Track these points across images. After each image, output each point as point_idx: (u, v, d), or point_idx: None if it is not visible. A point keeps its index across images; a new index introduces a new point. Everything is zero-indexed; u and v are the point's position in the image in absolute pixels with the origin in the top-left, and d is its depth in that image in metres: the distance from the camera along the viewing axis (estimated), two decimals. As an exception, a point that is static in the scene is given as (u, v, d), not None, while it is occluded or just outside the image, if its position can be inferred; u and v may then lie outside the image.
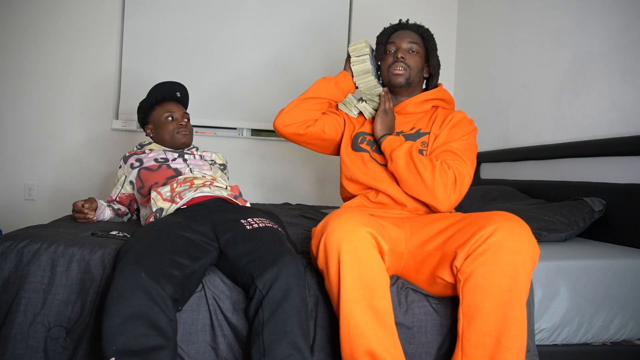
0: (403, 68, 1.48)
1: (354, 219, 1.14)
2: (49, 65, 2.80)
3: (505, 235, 1.09)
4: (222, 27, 3.02)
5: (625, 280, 1.41)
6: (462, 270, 1.12)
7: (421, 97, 1.53)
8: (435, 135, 1.47)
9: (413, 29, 1.54)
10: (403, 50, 1.50)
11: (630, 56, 1.83)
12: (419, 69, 1.52)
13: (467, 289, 1.11)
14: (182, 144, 1.74)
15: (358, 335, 1.08)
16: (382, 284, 1.12)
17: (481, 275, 1.09)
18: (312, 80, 1.65)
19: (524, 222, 1.13)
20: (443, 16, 3.27)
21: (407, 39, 1.50)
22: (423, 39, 1.53)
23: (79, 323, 1.16)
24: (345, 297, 1.09)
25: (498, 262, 1.08)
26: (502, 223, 1.10)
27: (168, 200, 1.47)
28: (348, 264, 1.09)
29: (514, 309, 1.07)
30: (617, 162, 1.83)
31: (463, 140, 1.43)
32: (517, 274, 1.07)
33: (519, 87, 2.53)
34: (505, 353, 1.06)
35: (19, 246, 1.20)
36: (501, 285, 1.08)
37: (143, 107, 1.77)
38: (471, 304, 1.11)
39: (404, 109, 1.53)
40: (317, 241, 1.17)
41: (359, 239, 1.11)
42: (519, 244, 1.08)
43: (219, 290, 1.19)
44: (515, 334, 1.07)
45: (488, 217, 1.14)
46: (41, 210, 2.77)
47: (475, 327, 1.10)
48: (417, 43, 1.51)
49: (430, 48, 1.52)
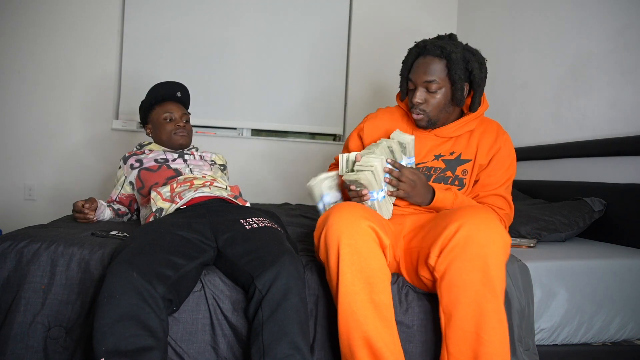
0: (419, 113, 1.36)
1: (355, 213, 1.13)
2: (49, 65, 2.80)
3: (471, 229, 1.09)
4: (222, 28, 3.02)
5: (625, 280, 1.41)
6: (437, 268, 1.13)
7: (461, 122, 1.41)
8: (481, 166, 1.39)
9: (435, 53, 1.31)
10: (420, 90, 1.34)
11: (630, 56, 1.83)
12: (443, 105, 1.35)
13: (443, 287, 1.12)
14: (180, 145, 1.74)
15: (357, 328, 1.08)
16: (383, 278, 1.12)
17: (454, 272, 1.10)
18: (312, 79, 1.64)
19: (490, 214, 1.14)
20: (443, 16, 3.27)
21: (425, 76, 1.32)
22: (448, 63, 1.31)
23: (79, 323, 1.16)
24: (343, 291, 1.09)
25: (468, 256, 1.09)
26: (467, 218, 1.11)
27: (168, 200, 1.47)
28: (348, 257, 1.09)
29: (489, 301, 1.07)
30: (617, 162, 1.83)
31: (507, 174, 1.39)
32: (488, 266, 1.08)
33: (518, 87, 2.53)
34: (487, 347, 1.06)
35: (19, 246, 1.20)
36: (474, 279, 1.08)
37: (143, 107, 1.77)
38: (449, 302, 1.11)
39: (440, 133, 1.42)
40: (318, 234, 1.17)
41: (360, 233, 1.11)
42: (486, 236, 1.08)
43: (219, 289, 1.19)
44: (494, 327, 1.07)
45: (454, 213, 1.15)
46: (41, 210, 2.77)
47: (455, 324, 1.10)
48: (436, 78, 1.31)
49: (457, 77, 1.30)
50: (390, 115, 1.52)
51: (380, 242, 1.14)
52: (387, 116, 1.52)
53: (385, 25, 3.19)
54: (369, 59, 3.19)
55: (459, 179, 1.39)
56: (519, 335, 1.26)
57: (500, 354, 1.06)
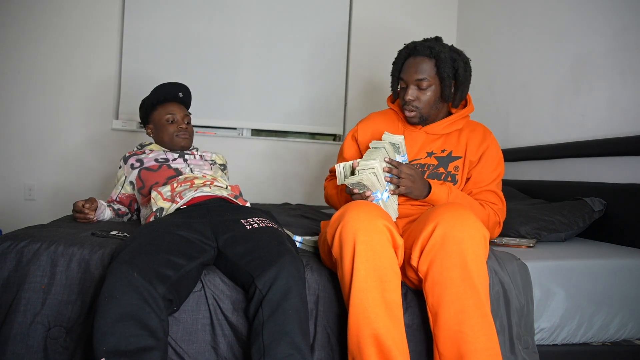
0: (412, 110, 1.42)
1: (371, 211, 1.15)
2: (49, 65, 2.80)
3: (447, 227, 1.11)
4: (223, 28, 3.02)
5: (624, 280, 1.41)
6: (420, 269, 1.14)
7: (454, 119, 1.47)
8: (471, 162, 1.44)
9: (425, 53, 1.39)
10: (412, 88, 1.40)
11: (630, 56, 1.83)
12: (433, 102, 1.42)
13: (427, 287, 1.13)
14: (181, 147, 1.74)
15: (367, 324, 1.08)
16: (394, 277, 1.13)
17: (436, 271, 1.12)
18: (312, 79, 1.65)
19: (465, 210, 1.15)
20: (443, 16, 3.27)
21: (416, 74, 1.39)
22: (437, 62, 1.38)
23: (79, 323, 1.16)
24: (357, 287, 1.10)
25: (446, 254, 1.10)
26: (442, 216, 1.13)
27: (168, 200, 1.47)
28: (363, 254, 1.10)
29: (470, 297, 1.08)
30: (617, 162, 1.83)
31: (497, 171, 1.44)
32: (466, 262, 1.09)
33: (518, 87, 2.53)
34: (472, 343, 1.06)
35: (19, 246, 1.20)
36: (453, 277, 1.09)
37: (145, 106, 1.77)
38: (434, 302, 1.12)
39: (431, 130, 1.47)
40: (332, 230, 1.17)
41: (376, 231, 1.12)
42: (461, 233, 1.10)
43: (219, 289, 1.19)
44: (477, 322, 1.07)
45: (431, 212, 1.17)
46: (41, 210, 2.77)
47: (441, 323, 1.11)
48: (426, 76, 1.38)
49: (446, 75, 1.37)
50: (382, 117, 1.58)
51: (393, 242, 1.15)
52: (379, 118, 1.58)
53: (385, 27, 3.19)
54: (368, 60, 3.19)
55: (451, 175, 1.43)
56: (517, 334, 1.26)
57: (487, 349, 1.07)
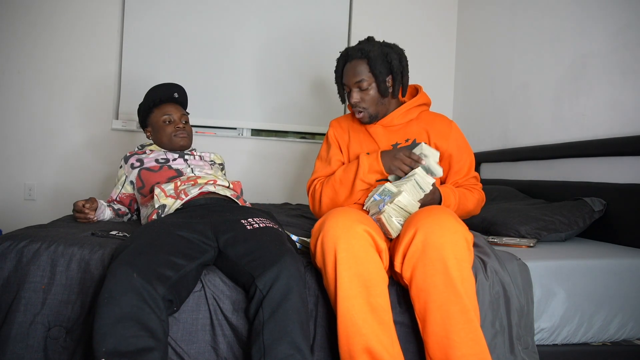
0: (360, 111, 1.50)
1: (351, 217, 1.14)
2: (49, 65, 2.79)
3: (427, 234, 1.11)
4: (223, 28, 3.02)
5: (624, 280, 1.41)
6: (404, 275, 1.14)
7: (405, 108, 1.54)
8: (446, 153, 1.51)
9: (357, 55, 1.47)
10: (354, 91, 1.48)
11: (630, 56, 1.83)
12: (377, 99, 1.49)
13: (413, 293, 1.13)
14: (181, 147, 1.74)
15: (356, 332, 1.08)
16: (380, 281, 1.12)
17: (419, 278, 1.11)
18: (312, 79, 1.67)
19: (445, 214, 1.15)
20: (443, 16, 3.27)
21: (354, 77, 1.47)
22: (369, 61, 1.45)
23: (79, 323, 1.16)
24: (342, 295, 1.10)
25: (427, 261, 1.10)
26: (422, 222, 1.13)
27: (172, 197, 1.47)
28: (345, 261, 1.10)
29: (453, 303, 1.08)
30: (617, 162, 1.83)
31: (471, 155, 1.57)
32: (448, 268, 1.08)
33: (518, 87, 2.53)
34: (459, 349, 1.06)
35: (19, 246, 1.20)
36: (436, 283, 1.09)
37: (142, 110, 1.77)
38: (420, 308, 1.12)
39: (390, 122, 1.54)
40: (314, 240, 1.18)
41: (356, 237, 1.12)
42: (441, 239, 1.09)
43: (219, 290, 1.19)
44: (463, 328, 1.07)
45: (412, 219, 1.17)
46: (41, 210, 2.77)
47: (429, 330, 1.11)
48: (363, 77, 1.45)
49: (378, 72, 1.44)
50: (348, 118, 1.66)
51: (376, 246, 1.15)
52: (347, 119, 1.66)
53: (385, 27, 3.19)
54: (369, 59, 3.19)
55: None
56: (517, 334, 1.26)
57: (475, 354, 1.06)
